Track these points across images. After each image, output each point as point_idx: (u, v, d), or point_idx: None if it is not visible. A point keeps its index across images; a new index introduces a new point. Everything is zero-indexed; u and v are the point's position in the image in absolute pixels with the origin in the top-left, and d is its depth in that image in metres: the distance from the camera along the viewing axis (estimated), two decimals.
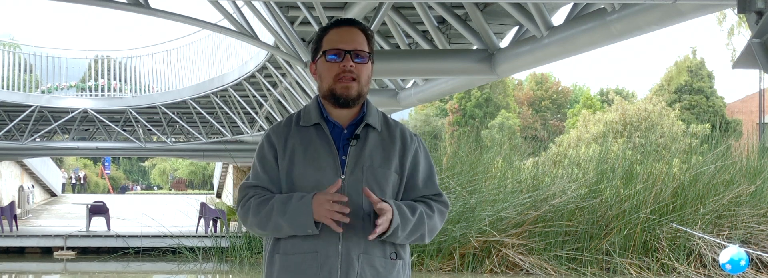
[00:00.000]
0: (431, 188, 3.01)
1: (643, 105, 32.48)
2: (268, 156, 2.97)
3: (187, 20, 10.45)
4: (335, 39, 2.94)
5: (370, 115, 2.98)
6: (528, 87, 56.20)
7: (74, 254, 21.36)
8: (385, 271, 2.92)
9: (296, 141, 2.95)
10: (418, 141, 3.04)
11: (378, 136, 2.97)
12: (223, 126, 25.27)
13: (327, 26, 3.00)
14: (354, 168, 2.90)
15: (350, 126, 2.97)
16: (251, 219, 2.90)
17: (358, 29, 2.97)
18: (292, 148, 2.94)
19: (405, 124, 33.74)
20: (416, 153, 3.00)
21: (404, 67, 11.02)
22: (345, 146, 2.93)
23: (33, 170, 39.51)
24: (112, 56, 26.09)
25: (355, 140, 2.93)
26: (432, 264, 16.98)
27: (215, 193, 46.38)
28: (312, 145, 2.93)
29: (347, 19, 3.00)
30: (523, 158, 20.43)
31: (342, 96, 2.92)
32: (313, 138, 2.94)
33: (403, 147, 2.97)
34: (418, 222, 2.91)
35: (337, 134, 2.96)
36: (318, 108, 2.99)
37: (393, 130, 3.00)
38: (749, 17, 5.66)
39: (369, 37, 2.98)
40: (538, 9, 8.97)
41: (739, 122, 37.76)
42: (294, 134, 2.96)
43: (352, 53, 2.92)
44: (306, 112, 3.00)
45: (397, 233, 2.85)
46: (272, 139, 2.98)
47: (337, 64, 2.92)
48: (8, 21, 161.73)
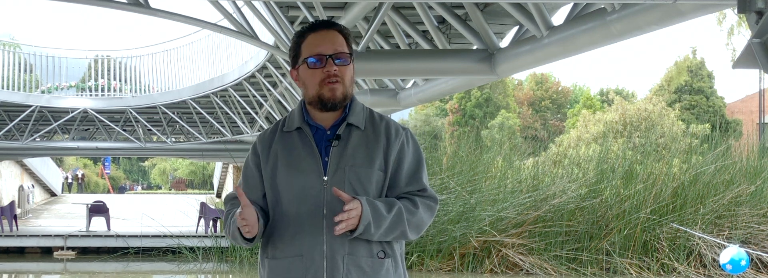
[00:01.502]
0: (415, 184, 2.95)
1: (643, 105, 32.47)
2: (251, 165, 3.00)
3: (187, 20, 10.45)
4: (314, 43, 2.91)
5: (352, 114, 2.95)
6: (528, 87, 56.20)
7: (74, 254, 21.36)
8: (372, 271, 2.89)
9: (279, 147, 2.95)
10: (406, 134, 2.98)
11: (361, 134, 2.94)
12: (223, 126, 25.27)
13: (303, 31, 2.97)
14: (336, 170, 2.89)
15: (333, 127, 2.95)
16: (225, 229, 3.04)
17: (335, 31, 2.94)
18: (275, 154, 2.95)
19: (405, 124, 33.67)
20: (402, 148, 2.95)
21: (404, 67, 11.02)
22: (327, 148, 2.92)
23: (33, 170, 39.51)
24: (112, 56, 26.10)
25: (336, 141, 2.91)
26: (432, 264, 16.97)
27: (215, 193, 46.39)
28: (295, 150, 2.93)
29: (322, 22, 2.97)
30: (523, 158, 20.42)
31: (330, 100, 2.90)
32: (296, 142, 2.94)
33: (387, 143, 2.93)
34: (396, 218, 2.86)
35: (319, 136, 2.94)
36: (301, 112, 2.98)
37: (378, 126, 2.96)
38: (749, 17, 5.66)
39: (347, 36, 2.95)
40: (538, 9, 8.97)
41: (739, 122, 37.76)
42: (278, 140, 2.97)
43: (333, 56, 2.90)
44: (290, 118, 3.00)
45: (369, 230, 2.82)
46: (257, 148, 3.00)
47: (320, 70, 2.89)
48: (8, 21, 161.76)
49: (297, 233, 2.90)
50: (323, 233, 2.87)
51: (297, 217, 2.89)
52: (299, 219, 2.89)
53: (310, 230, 2.87)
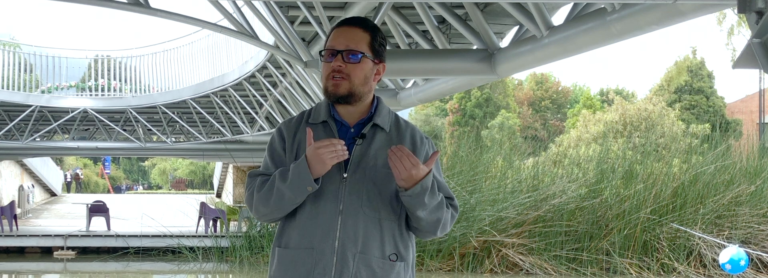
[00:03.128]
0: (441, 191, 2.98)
1: (643, 105, 32.46)
2: (278, 148, 2.99)
3: (187, 20, 10.45)
4: (332, 38, 2.96)
5: (379, 115, 2.97)
6: (528, 87, 56.19)
7: (74, 254, 21.36)
8: (381, 272, 2.88)
9: (303, 137, 2.96)
10: (430, 144, 3.02)
11: (386, 136, 2.96)
12: (223, 126, 25.27)
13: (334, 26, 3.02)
14: (357, 168, 2.89)
15: (357, 125, 2.97)
16: (256, 196, 2.92)
17: (359, 28, 2.96)
18: (299, 144, 2.96)
19: None
20: (427, 156, 2.97)
21: (404, 67, 11.01)
22: (350, 145, 2.92)
23: (33, 170, 39.51)
24: (112, 56, 26.09)
25: (360, 139, 2.93)
26: (432, 264, 16.98)
27: (215, 193, 46.38)
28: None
29: (348, 19, 3.00)
30: (523, 158, 20.43)
31: (332, 94, 2.93)
32: (320, 135, 2.94)
33: (413, 150, 2.95)
34: (440, 204, 2.90)
35: (343, 133, 2.96)
36: (327, 106, 3.00)
37: (403, 131, 2.98)
38: (749, 17, 5.66)
39: (372, 34, 2.96)
40: (538, 9, 8.97)
41: (739, 122, 37.76)
42: (302, 130, 2.98)
43: (344, 53, 2.92)
44: (316, 110, 3.02)
45: (424, 196, 2.83)
46: (283, 133, 3.01)
47: (329, 64, 2.94)
48: (8, 21, 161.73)
49: (311, 226, 2.89)
50: (337, 229, 2.86)
51: (313, 210, 2.89)
52: (315, 213, 2.89)
53: (324, 224, 2.87)
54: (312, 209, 2.89)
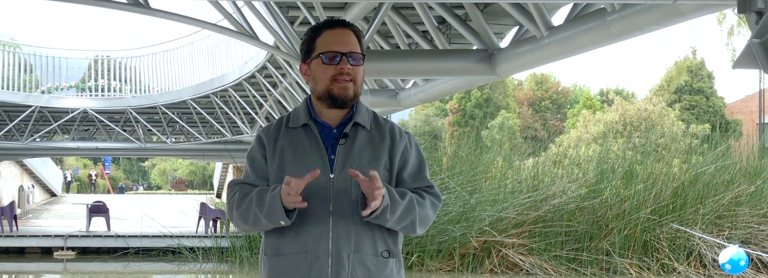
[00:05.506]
0: (420, 181, 3.00)
1: (643, 105, 32.46)
2: (257, 156, 2.99)
3: (187, 20, 10.45)
4: (330, 40, 2.95)
5: (359, 113, 2.98)
6: (528, 87, 56.19)
7: (74, 254, 21.36)
8: (376, 269, 2.91)
9: (285, 142, 2.96)
10: (409, 138, 3.04)
11: (367, 134, 2.97)
12: (223, 126, 25.27)
13: (318, 26, 3.00)
14: (343, 167, 2.90)
15: (339, 125, 2.98)
16: (235, 212, 2.95)
17: (351, 31, 2.98)
18: (282, 150, 2.95)
19: (405, 124, 33.68)
20: (405, 150, 3.00)
21: (404, 67, 11.02)
22: (334, 145, 2.93)
23: (33, 170, 39.52)
24: (112, 56, 26.09)
25: (343, 139, 2.93)
26: (432, 264, 16.97)
27: (215, 193, 46.39)
28: (301, 146, 2.94)
29: (339, 20, 3.00)
30: (523, 158, 20.42)
31: (340, 97, 2.92)
32: (302, 139, 2.95)
33: (392, 145, 2.97)
34: (408, 207, 2.88)
35: (326, 134, 2.96)
36: (307, 109, 3.00)
37: (383, 127, 3.00)
38: (749, 17, 5.66)
39: (360, 37, 3.00)
40: (538, 9, 8.98)
41: (739, 122, 37.76)
42: (283, 135, 2.98)
43: (348, 55, 2.93)
44: (295, 114, 3.02)
45: (386, 215, 2.83)
46: (262, 140, 3.00)
47: (333, 67, 2.92)
48: (8, 21, 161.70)
49: (302, 230, 2.89)
50: (329, 230, 2.87)
51: (303, 214, 2.88)
52: (305, 216, 2.89)
53: (315, 227, 2.88)
54: (302, 213, 2.88)
